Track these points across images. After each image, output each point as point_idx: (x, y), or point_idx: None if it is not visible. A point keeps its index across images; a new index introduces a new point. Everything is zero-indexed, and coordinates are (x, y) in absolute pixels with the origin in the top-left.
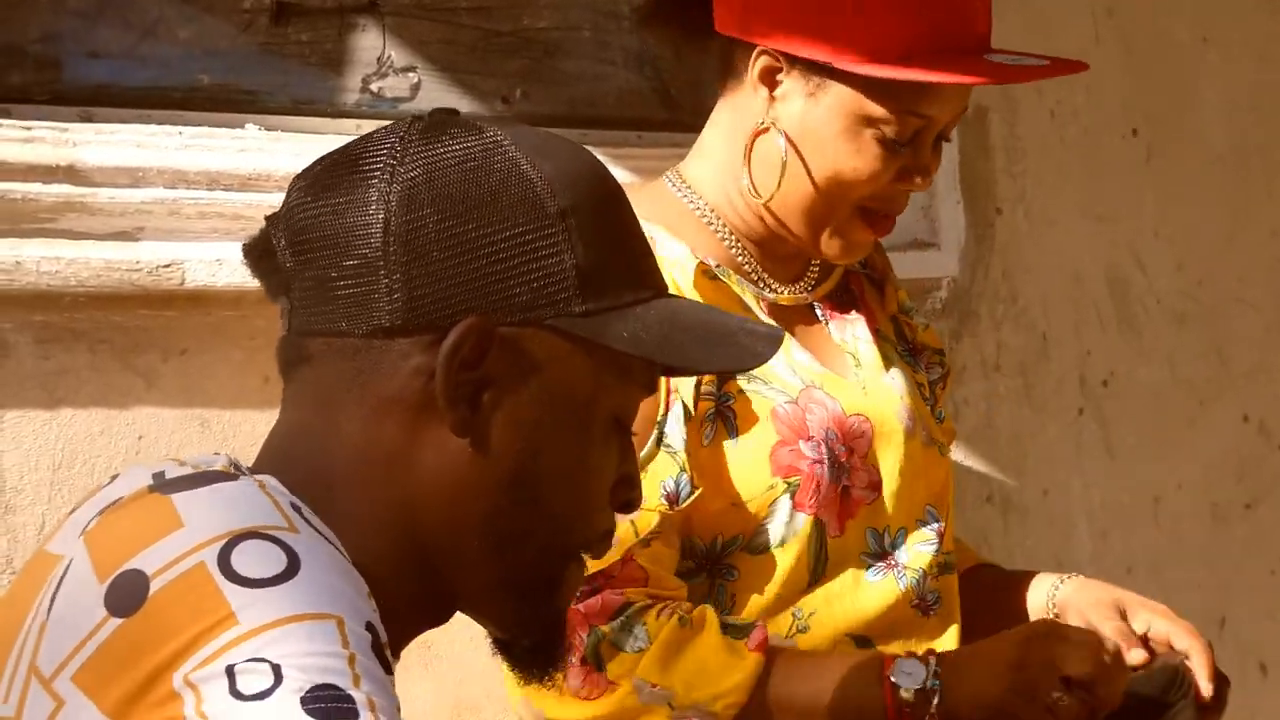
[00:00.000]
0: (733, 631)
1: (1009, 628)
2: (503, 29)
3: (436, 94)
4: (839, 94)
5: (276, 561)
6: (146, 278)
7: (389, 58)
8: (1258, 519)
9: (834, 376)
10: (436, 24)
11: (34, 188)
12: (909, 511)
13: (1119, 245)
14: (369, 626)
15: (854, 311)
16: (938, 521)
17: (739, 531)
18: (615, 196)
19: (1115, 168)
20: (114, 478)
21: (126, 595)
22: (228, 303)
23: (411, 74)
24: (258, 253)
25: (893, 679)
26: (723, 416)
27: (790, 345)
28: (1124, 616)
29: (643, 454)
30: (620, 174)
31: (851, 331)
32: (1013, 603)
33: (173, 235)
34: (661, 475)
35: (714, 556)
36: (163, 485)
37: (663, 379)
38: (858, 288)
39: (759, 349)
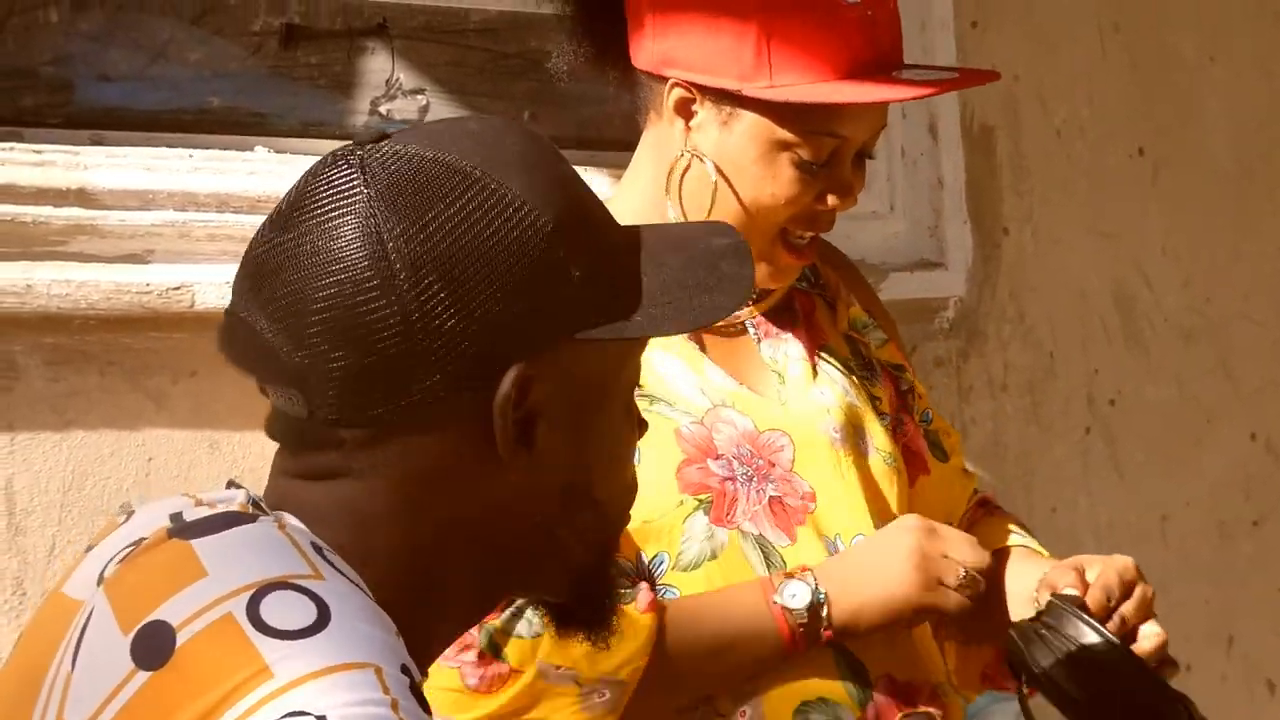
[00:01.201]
0: (620, 599)
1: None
2: (510, 51)
3: (445, 115)
4: (750, 121)
5: (307, 612)
6: (156, 300)
7: (398, 80)
8: (1265, 536)
9: (748, 395)
10: (445, 46)
11: (45, 211)
12: (853, 520)
13: (1125, 263)
14: (404, 669)
15: (793, 328)
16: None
17: (662, 549)
18: (569, 176)
19: (1121, 185)
20: (129, 515)
21: (153, 648)
22: None
23: (420, 96)
24: (252, 352)
25: (779, 602)
26: None
27: (704, 365)
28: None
29: None
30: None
31: (784, 349)
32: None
33: (183, 257)
34: None
35: (647, 576)
36: (182, 529)
37: None
38: (804, 306)
39: (746, 271)
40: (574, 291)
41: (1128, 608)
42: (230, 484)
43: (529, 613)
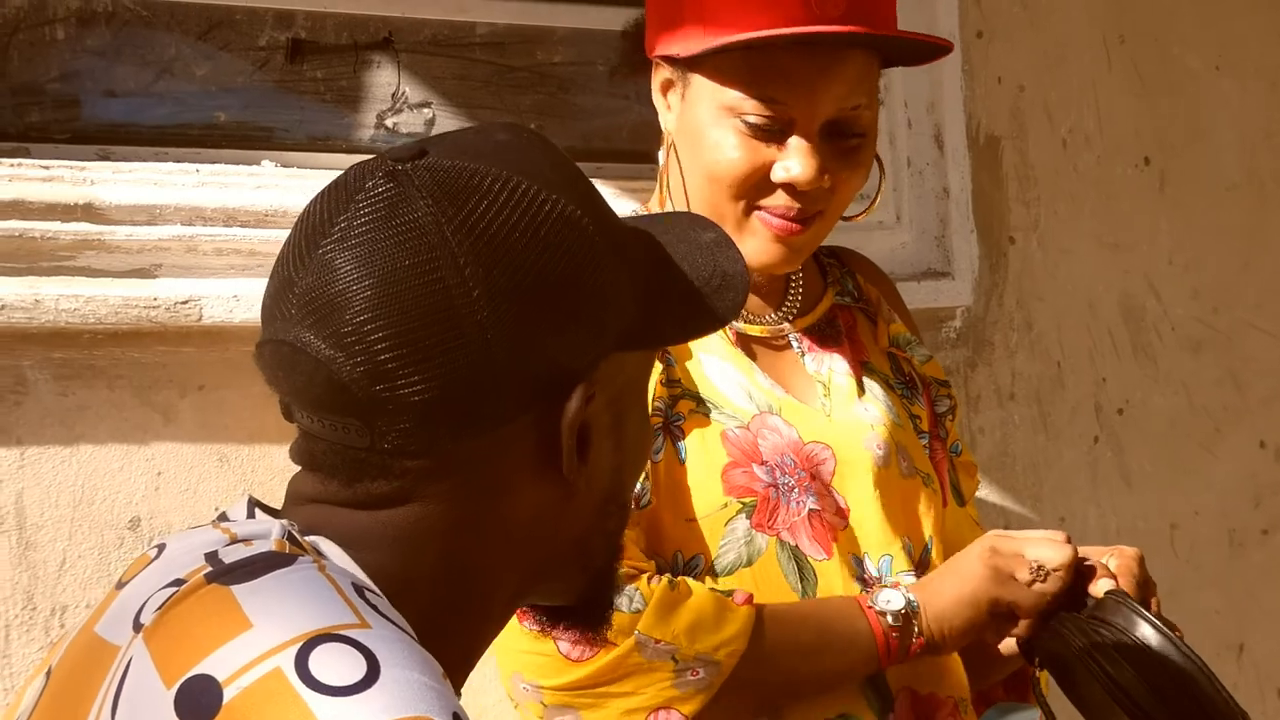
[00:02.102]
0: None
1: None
2: (517, 64)
3: (451, 129)
4: (699, 85)
5: (356, 666)
6: (164, 314)
7: (404, 93)
8: (1275, 545)
9: (794, 403)
10: (451, 60)
11: (53, 226)
12: (884, 540)
13: (1133, 273)
14: (455, 716)
15: (836, 344)
16: (916, 551)
17: (699, 551)
18: (590, 183)
19: (1129, 196)
20: (160, 548)
21: (200, 704)
22: (245, 338)
23: (426, 109)
24: (316, 384)
25: (875, 607)
26: (670, 433)
27: (753, 370)
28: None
29: None
30: (634, 206)
31: (829, 363)
32: None
33: (190, 272)
34: None
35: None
36: (221, 574)
37: None
38: (847, 322)
39: (741, 266)
40: (623, 302)
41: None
42: (252, 503)
43: (629, 588)
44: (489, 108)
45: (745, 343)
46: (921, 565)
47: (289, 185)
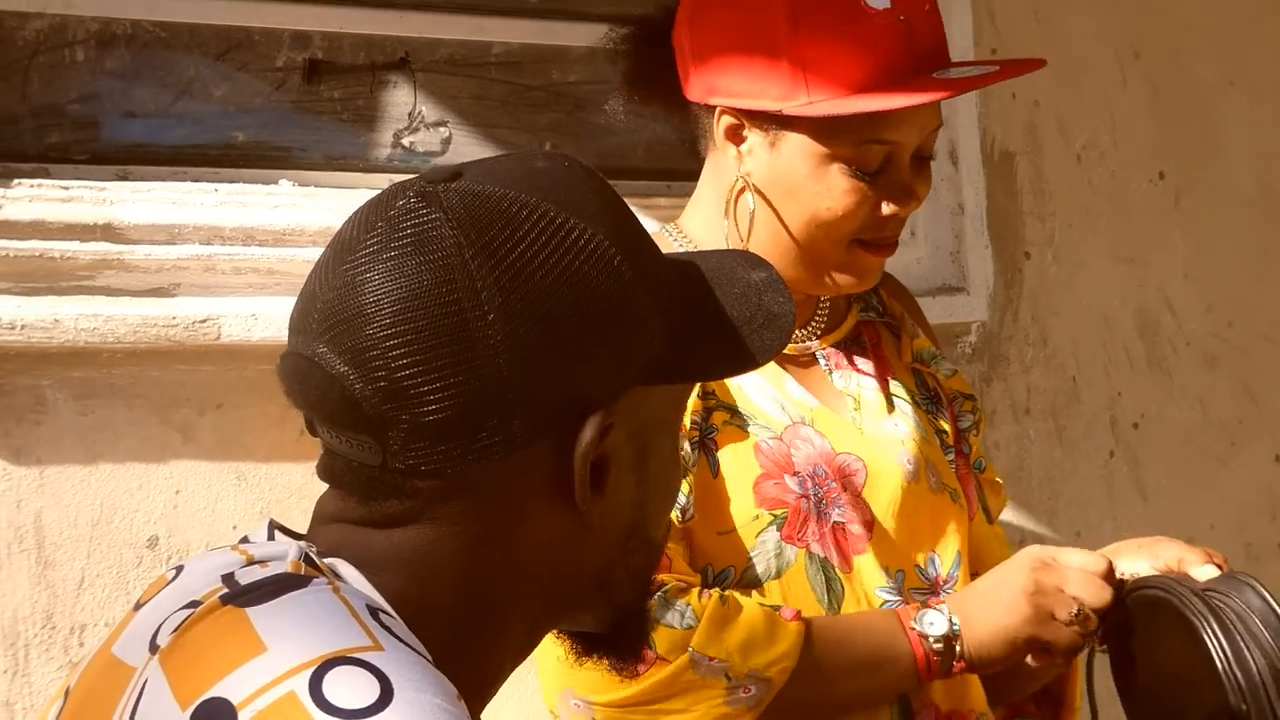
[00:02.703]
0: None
1: None
2: (533, 83)
3: (468, 148)
4: (796, 140)
5: (370, 689)
6: (183, 333)
7: (420, 113)
8: None
9: (827, 412)
10: (467, 79)
11: (72, 246)
12: (907, 554)
13: (1148, 287)
14: None
15: (862, 360)
16: (943, 566)
17: (729, 564)
18: (630, 214)
19: (1143, 210)
20: (179, 569)
21: None
22: (263, 357)
23: (443, 128)
24: (330, 399)
25: (918, 629)
26: (705, 446)
27: (785, 380)
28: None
29: None
30: (651, 223)
31: (856, 380)
32: None
33: (208, 291)
34: None
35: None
36: (236, 596)
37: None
38: (871, 337)
39: (789, 307)
40: (649, 336)
41: None
42: (273, 525)
43: (679, 603)
44: (505, 127)
45: (775, 361)
46: (948, 580)
47: (306, 205)
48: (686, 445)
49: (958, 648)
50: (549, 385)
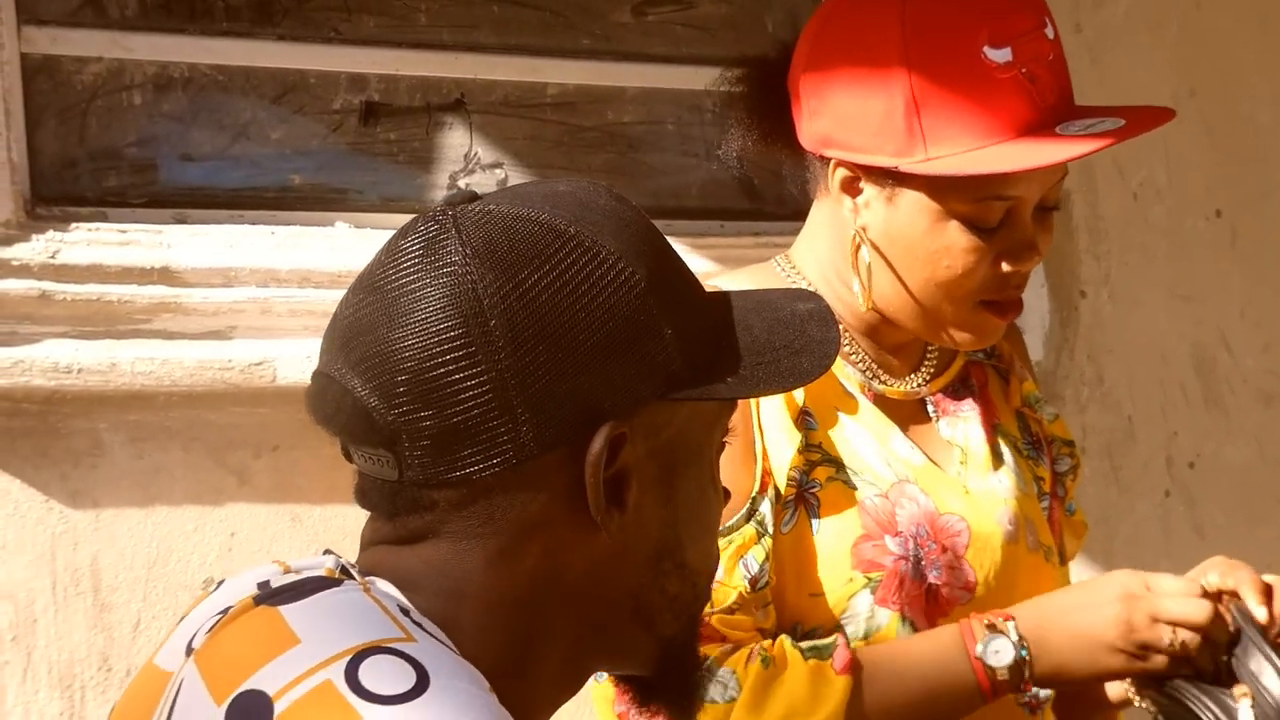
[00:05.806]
0: (816, 653)
1: None
2: (587, 124)
3: None
4: (912, 196)
5: (405, 676)
6: (239, 376)
7: (476, 154)
8: None
9: (933, 470)
10: (522, 120)
11: (129, 289)
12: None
13: (1205, 326)
14: None
15: (969, 405)
16: None
17: (819, 623)
18: (658, 236)
19: (1199, 249)
20: (219, 584)
21: (250, 718)
22: None
23: (498, 170)
24: (344, 412)
25: (983, 658)
26: (805, 503)
27: (891, 436)
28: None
29: (729, 524)
30: (703, 264)
31: (963, 429)
32: None
33: (264, 333)
34: (746, 553)
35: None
36: (269, 596)
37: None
38: (979, 379)
39: (832, 335)
40: (666, 351)
41: None
42: (326, 553)
43: (723, 670)
44: (560, 167)
45: (884, 404)
46: None
47: (363, 246)
48: (741, 518)
49: (1026, 672)
50: (556, 393)
